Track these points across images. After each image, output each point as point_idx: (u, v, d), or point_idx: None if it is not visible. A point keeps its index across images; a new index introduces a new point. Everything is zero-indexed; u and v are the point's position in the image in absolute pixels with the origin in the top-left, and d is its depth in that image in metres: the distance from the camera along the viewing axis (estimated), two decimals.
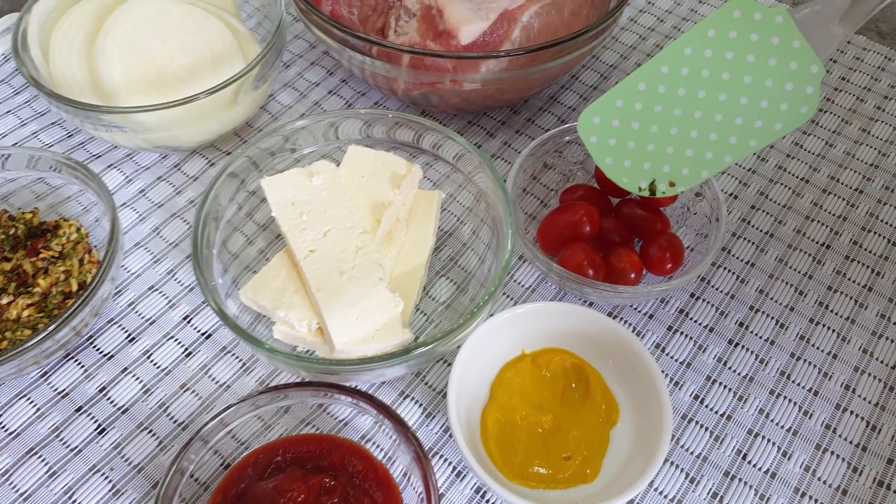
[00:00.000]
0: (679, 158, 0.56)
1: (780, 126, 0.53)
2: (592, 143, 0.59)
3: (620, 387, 0.56)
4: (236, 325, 0.51)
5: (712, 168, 0.56)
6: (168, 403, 0.58)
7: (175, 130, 0.68)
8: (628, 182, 0.58)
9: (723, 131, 0.54)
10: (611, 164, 0.59)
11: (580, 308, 0.56)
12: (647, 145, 0.57)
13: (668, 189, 0.58)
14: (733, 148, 0.55)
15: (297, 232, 0.59)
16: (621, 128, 0.57)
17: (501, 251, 0.57)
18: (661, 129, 0.56)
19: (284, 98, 0.79)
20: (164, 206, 0.70)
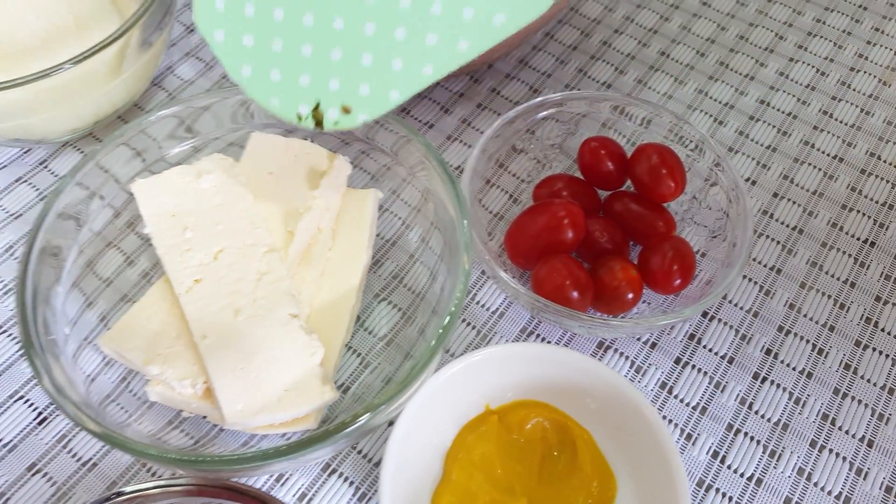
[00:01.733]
0: (352, 68, 0.36)
1: (504, 18, 0.34)
2: (219, 42, 0.38)
3: (616, 449, 0.42)
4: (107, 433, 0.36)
5: (406, 85, 0.36)
6: (8, 494, 0.43)
7: (31, 117, 0.52)
8: (281, 105, 0.38)
9: (415, 26, 0.35)
10: (250, 76, 0.38)
11: (560, 351, 0.42)
12: (302, 47, 0.37)
13: (341, 118, 0.37)
14: (435, 53, 0.35)
15: (178, 255, 0.44)
16: (259, 18, 0.37)
17: (455, 269, 0.42)
18: (320, 21, 0.36)
19: (185, 71, 0.62)
20: (23, 216, 0.54)
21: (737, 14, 0.67)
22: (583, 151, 0.51)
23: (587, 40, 0.65)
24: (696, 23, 0.66)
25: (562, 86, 0.62)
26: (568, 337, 0.49)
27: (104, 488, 0.43)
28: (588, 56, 0.64)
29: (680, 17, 0.67)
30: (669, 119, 0.53)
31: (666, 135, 0.54)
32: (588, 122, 0.56)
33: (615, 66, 0.64)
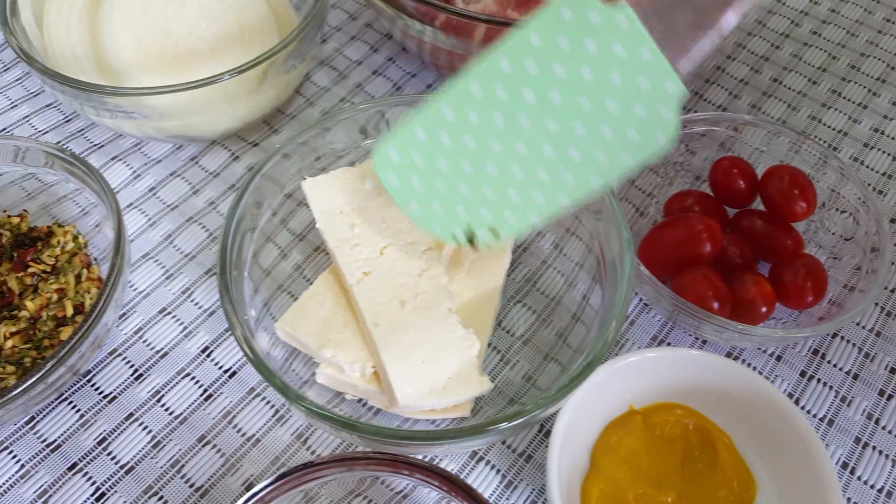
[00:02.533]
0: (500, 202, 0.43)
1: (629, 157, 0.39)
2: (393, 184, 0.45)
3: (757, 452, 0.44)
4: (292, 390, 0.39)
5: (544, 212, 0.42)
6: (183, 462, 0.46)
7: (193, 117, 0.56)
8: (440, 230, 0.45)
9: (555, 168, 0.41)
10: (418, 210, 0.45)
11: (713, 358, 0.44)
12: (460, 187, 0.43)
13: (489, 238, 0.44)
14: (570, 188, 0.41)
15: (348, 249, 0.47)
16: (426, 166, 0.44)
17: (612, 278, 0.44)
18: (476, 167, 0.42)
19: (320, 79, 0.66)
20: (178, 207, 0.58)
21: (847, 44, 0.69)
22: (715, 170, 0.54)
23: (700, 65, 0.68)
24: (806, 51, 0.69)
25: None
26: (698, 346, 0.51)
27: (268, 463, 0.46)
28: (702, 80, 0.67)
29: (790, 45, 0.69)
30: (788, 140, 0.56)
31: (782, 158, 0.57)
32: (707, 142, 0.58)
33: (729, 91, 0.66)
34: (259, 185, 0.48)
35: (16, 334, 0.48)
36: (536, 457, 0.47)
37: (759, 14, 0.71)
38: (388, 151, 0.44)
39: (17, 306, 0.49)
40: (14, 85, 0.64)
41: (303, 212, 0.55)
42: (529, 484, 0.46)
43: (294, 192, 0.52)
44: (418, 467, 0.39)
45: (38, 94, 0.64)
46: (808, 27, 0.70)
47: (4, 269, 0.50)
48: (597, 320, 0.46)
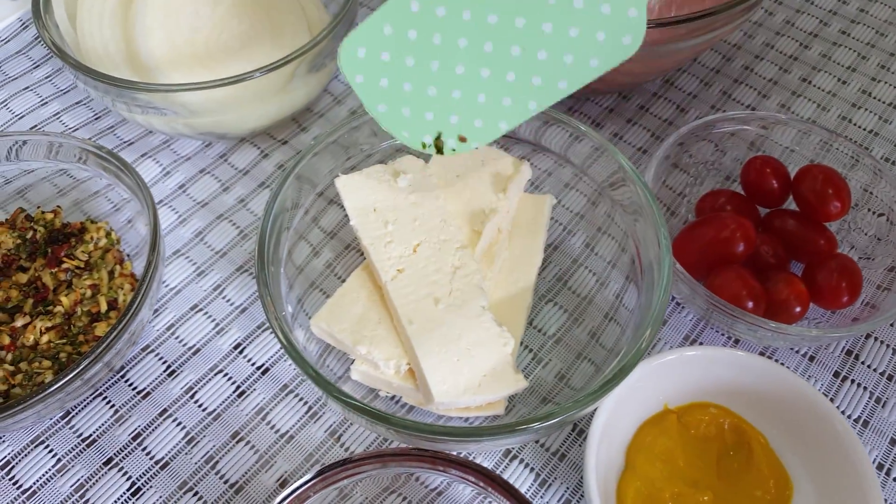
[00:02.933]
0: (469, 106, 0.43)
1: (597, 62, 0.39)
2: (359, 83, 0.44)
3: (794, 455, 0.44)
4: (329, 383, 0.39)
5: (512, 118, 0.42)
6: (217, 458, 0.46)
7: (224, 114, 0.56)
8: (409, 136, 0.44)
9: (523, 70, 0.41)
10: (385, 112, 0.44)
11: (749, 357, 0.44)
12: (428, 88, 0.43)
13: (458, 145, 0.44)
14: (538, 91, 0.41)
15: (382, 246, 0.47)
16: (394, 64, 0.43)
17: (649, 281, 0.44)
18: (444, 66, 0.42)
19: None
20: (208, 205, 0.58)
21: (877, 44, 0.69)
22: (747, 169, 0.53)
23: (729, 64, 0.68)
24: (836, 51, 0.68)
25: (707, 106, 0.64)
26: (730, 345, 0.51)
27: (302, 459, 0.46)
28: (731, 80, 0.67)
29: (820, 45, 0.69)
30: (819, 139, 0.55)
31: (813, 157, 0.57)
32: (736, 142, 0.58)
33: (758, 91, 0.66)
34: (294, 183, 0.48)
35: (51, 329, 0.48)
36: (570, 455, 0.47)
37: (788, 14, 0.71)
38: (355, 47, 0.43)
39: (52, 302, 0.49)
40: (44, 82, 0.65)
41: (334, 210, 0.55)
42: (564, 483, 0.46)
43: (325, 190, 0.52)
44: (455, 463, 0.39)
45: (67, 92, 0.64)
46: (837, 26, 0.70)
47: (39, 265, 0.51)
48: (632, 321, 0.46)
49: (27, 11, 0.68)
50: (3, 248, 0.51)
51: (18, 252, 0.51)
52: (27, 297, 0.49)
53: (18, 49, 0.67)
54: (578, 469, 0.46)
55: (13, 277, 0.50)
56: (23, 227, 0.52)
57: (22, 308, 0.49)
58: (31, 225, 0.52)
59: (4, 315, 0.49)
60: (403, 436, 0.40)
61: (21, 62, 0.66)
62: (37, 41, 0.67)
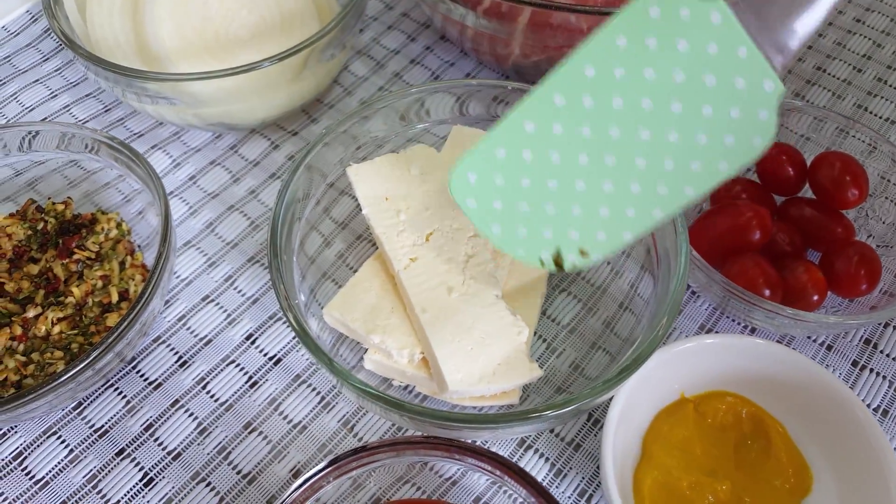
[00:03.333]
0: (591, 220, 0.40)
1: (727, 165, 0.37)
2: (471, 208, 0.42)
3: (812, 444, 0.43)
4: (344, 371, 0.39)
5: (637, 228, 0.40)
6: (229, 448, 0.46)
7: (234, 104, 0.56)
8: (525, 254, 0.42)
9: (648, 181, 0.38)
10: (500, 233, 0.42)
11: (767, 344, 0.43)
12: (546, 207, 0.41)
13: (578, 260, 0.41)
14: (664, 199, 0.38)
15: (394, 235, 0.47)
16: (508, 186, 0.41)
17: (665, 269, 0.44)
18: (563, 184, 0.40)
19: (358, 68, 0.66)
20: (218, 196, 0.58)
21: (892, 32, 0.68)
22: (764, 157, 0.52)
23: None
24: (850, 39, 0.68)
25: None
26: (747, 334, 0.50)
27: (315, 450, 0.46)
28: None
29: (834, 33, 0.68)
30: (836, 126, 0.55)
31: (828, 146, 0.56)
32: None
33: None
34: (304, 173, 0.48)
35: (63, 320, 0.48)
36: (586, 445, 0.46)
37: None
38: (466, 173, 0.41)
39: (63, 293, 0.49)
40: (54, 75, 0.65)
41: (345, 200, 0.54)
42: (579, 473, 0.45)
43: (336, 181, 0.52)
44: (470, 451, 0.39)
45: (77, 84, 0.64)
46: (852, 14, 0.69)
47: (50, 256, 0.50)
48: (647, 310, 0.46)
49: (36, 3, 0.68)
50: (14, 240, 0.51)
51: (29, 243, 0.51)
52: (38, 289, 0.49)
53: (28, 42, 0.67)
54: (594, 459, 0.46)
55: (24, 269, 0.50)
56: (34, 218, 0.52)
57: (33, 299, 0.49)
58: (42, 216, 0.52)
59: (16, 306, 0.48)
60: (417, 423, 0.39)
61: (30, 55, 0.66)
62: (46, 34, 0.67)
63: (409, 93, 0.51)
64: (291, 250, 0.46)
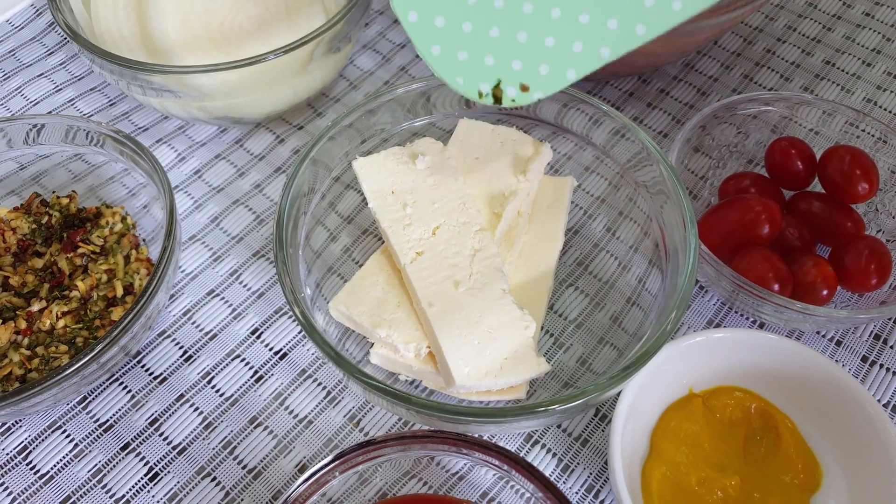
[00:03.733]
0: (535, 50, 0.39)
1: (681, 5, 0.36)
2: (412, 22, 0.40)
3: (822, 440, 0.43)
4: (350, 364, 0.39)
5: (581, 65, 0.38)
6: (235, 443, 0.46)
7: (239, 97, 0.55)
8: (464, 83, 0.40)
9: (598, 11, 0.37)
10: (439, 55, 0.40)
11: (777, 339, 0.43)
12: (490, 29, 0.39)
13: (518, 95, 0.39)
14: (613, 36, 0.37)
15: (400, 229, 0.46)
16: (452, 1, 0.39)
17: (674, 263, 0.43)
18: (510, 4, 0.38)
19: (364, 62, 0.66)
20: (224, 190, 0.57)
21: None
22: (772, 151, 0.52)
23: (750, 47, 0.66)
24: (860, 33, 0.67)
25: (728, 90, 0.63)
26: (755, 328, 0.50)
27: (321, 445, 0.46)
28: (753, 63, 0.65)
29: (843, 27, 0.68)
30: (845, 120, 0.54)
31: (838, 140, 0.55)
32: (759, 124, 0.57)
33: (780, 73, 0.65)
34: (310, 167, 0.47)
35: (67, 314, 0.47)
36: (593, 441, 0.46)
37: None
38: None
39: (68, 287, 0.49)
40: (58, 69, 0.64)
41: (350, 195, 0.54)
42: (586, 468, 0.45)
43: (342, 175, 0.52)
44: (478, 445, 0.38)
45: (82, 78, 0.64)
46: (861, 8, 0.69)
47: (54, 250, 0.50)
48: (655, 305, 0.46)
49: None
50: (19, 233, 0.51)
51: (34, 237, 0.51)
52: (43, 282, 0.49)
53: (32, 36, 0.66)
54: (602, 454, 0.45)
55: (29, 262, 0.50)
56: (38, 212, 0.52)
57: (38, 293, 0.48)
58: (47, 210, 0.52)
59: (20, 300, 0.48)
60: (424, 416, 0.39)
61: (35, 49, 0.66)
62: (50, 28, 0.67)
63: (414, 86, 0.51)
64: (297, 244, 0.45)
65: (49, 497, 0.44)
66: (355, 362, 0.46)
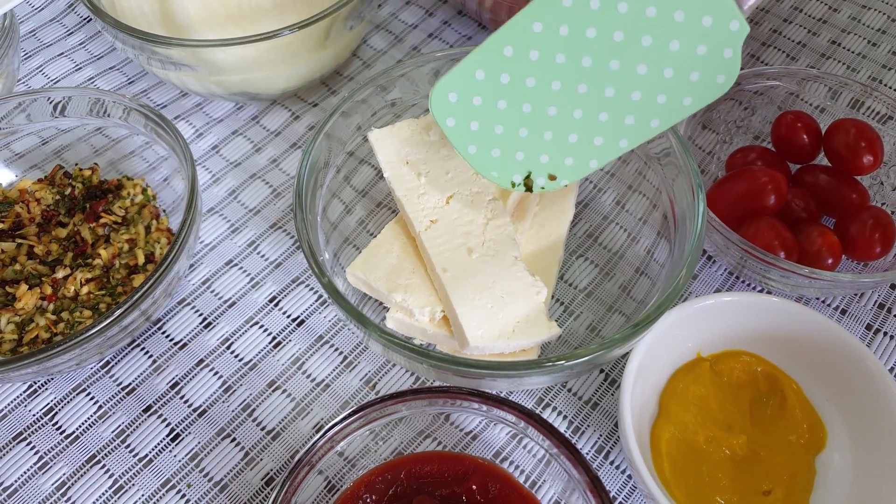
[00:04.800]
0: (560, 145, 0.43)
1: (691, 101, 0.40)
2: (450, 127, 0.44)
3: (828, 402, 0.44)
4: (370, 321, 0.40)
5: (603, 156, 0.43)
6: (254, 406, 0.47)
7: (255, 73, 0.57)
8: (498, 176, 0.45)
9: (616, 110, 0.41)
10: (475, 153, 0.45)
11: (785, 303, 0.44)
12: (519, 130, 0.43)
13: (547, 183, 0.45)
14: (630, 130, 0.42)
15: (415, 198, 0.47)
16: (485, 107, 0.43)
17: (682, 231, 0.45)
18: (536, 108, 0.43)
19: (377, 42, 0.67)
20: (241, 165, 0.59)
21: None
22: (779, 124, 0.53)
23: (757, 28, 0.67)
24: (865, 14, 0.68)
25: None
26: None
27: (338, 407, 0.47)
28: (759, 43, 0.66)
29: (849, 7, 0.68)
30: (851, 96, 0.55)
31: (844, 115, 0.56)
32: (765, 101, 0.58)
33: (786, 53, 0.66)
34: (324, 141, 0.48)
35: (91, 281, 0.49)
36: (603, 404, 0.47)
37: None
38: (446, 92, 0.43)
39: (91, 255, 0.50)
40: (78, 48, 0.66)
41: (364, 169, 0.55)
42: (596, 430, 0.46)
43: (356, 150, 0.53)
44: (494, 400, 0.39)
45: (101, 57, 0.65)
46: None
47: (78, 220, 0.52)
48: (663, 273, 0.47)
49: None
50: (43, 204, 0.52)
51: (58, 208, 0.52)
52: (67, 251, 0.50)
53: (52, 17, 0.68)
54: (611, 417, 0.47)
55: (53, 232, 0.51)
56: (61, 183, 0.53)
57: (62, 261, 0.50)
58: (70, 182, 0.53)
59: (45, 268, 0.50)
60: (441, 371, 0.40)
61: (55, 29, 0.67)
62: (70, 9, 0.68)
63: (426, 61, 0.52)
64: (315, 214, 0.47)
65: (75, 455, 0.45)
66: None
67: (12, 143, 0.55)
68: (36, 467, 0.45)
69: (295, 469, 0.37)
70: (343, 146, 0.52)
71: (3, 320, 0.47)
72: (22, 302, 0.47)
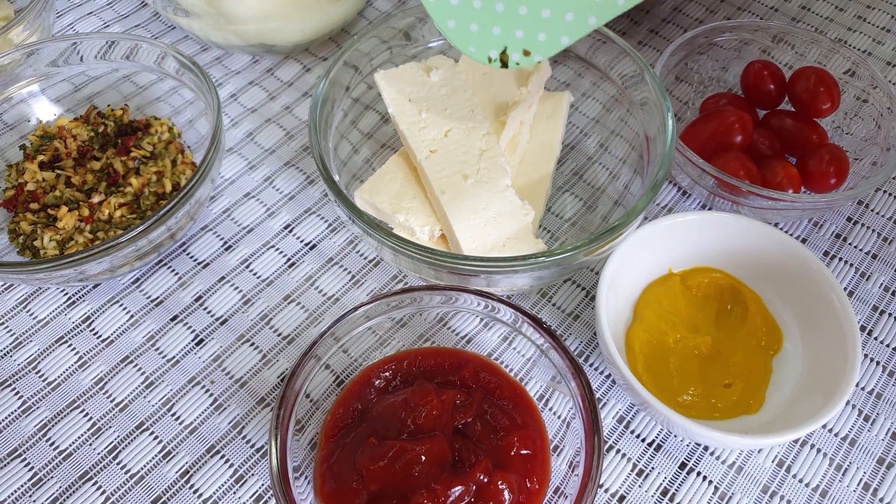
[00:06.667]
0: (534, 21, 0.46)
1: None
2: (431, 3, 0.47)
3: (785, 311, 0.49)
4: (381, 226, 0.45)
5: (574, 32, 0.45)
6: (271, 316, 0.52)
7: (271, 23, 0.62)
8: (476, 51, 0.48)
9: None
10: (454, 28, 0.47)
11: (752, 222, 0.49)
12: (496, 4, 0.46)
13: (521, 58, 0.47)
14: (598, 6, 0.44)
15: (417, 131, 0.53)
16: None
17: (655, 156, 0.50)
18: None
19: (382, 4, 0.72)
20: (257, 111, 0.64)
21: None
22: (747, 73, 0.59)
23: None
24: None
25: None
26: None
27: None
28: (735, 7, 0.72)
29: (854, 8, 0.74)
30: (820, 51, 0.61)
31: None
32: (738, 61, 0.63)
33: (760, 17, 0.71)
34: (335, 80, 0.54)
35: (123, 206, 0.54)
36: (583, 316, 0.52)
37: None
38: None
39: (123, 184, 0.55)
40: (105, 8, 0.71)
41: (370, 114, 0.61)
42: (578, 338, 0.51)
43: (360, 97, 0.58)
44: (490, 296, 0.45)
45: (127, 16, 0.70)
46: None
47: (110, 154, 0.57)
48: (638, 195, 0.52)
49: None
50: (79, 140, 0.58)
51: (92, 143, 0.58)
52: (101, 181, 0.56)
53: None
54: (590, 327, 0.52)
55: (88, 165, 0.56)
56: (95, 122, 0.59)
57: (97, 189, 0.55)
58: (103, 120, 0.59)
59: (82, 195, 0.55)
60: (443, 270, 0.45)
61: None
62: None
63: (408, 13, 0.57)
64: (328, 147, 0.52)
65: (111, 356, 0.50)
66: (367, 261, 0.53)
67: (56, 85, 0.60)
68: (77, 366, 0.50)
69: (302, 358, 0.42)
70: (348, 92, 0.57)
71: (46, 237, 0.52)
72: (63, 222, 0.53)
